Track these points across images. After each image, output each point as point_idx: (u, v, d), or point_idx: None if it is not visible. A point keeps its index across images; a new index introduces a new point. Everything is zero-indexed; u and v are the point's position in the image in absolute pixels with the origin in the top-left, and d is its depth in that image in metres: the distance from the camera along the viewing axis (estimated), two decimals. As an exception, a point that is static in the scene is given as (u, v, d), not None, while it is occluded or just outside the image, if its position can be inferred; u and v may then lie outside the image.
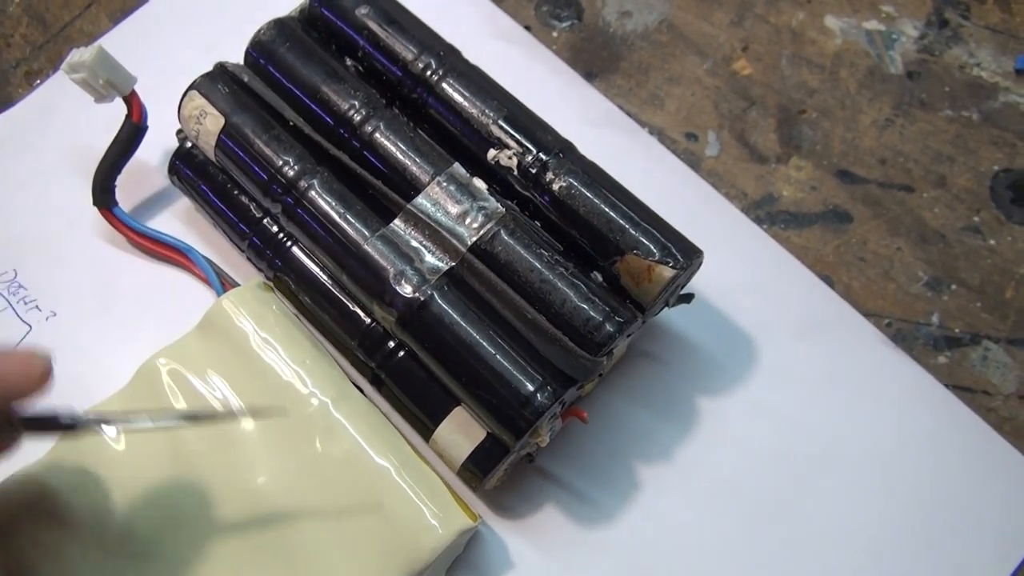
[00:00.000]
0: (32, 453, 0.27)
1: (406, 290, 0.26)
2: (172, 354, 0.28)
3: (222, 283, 0.30)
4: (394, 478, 0.26)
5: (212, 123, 0.28)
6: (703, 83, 0.35)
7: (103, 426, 0.25)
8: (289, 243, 0.29)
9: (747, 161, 0.33)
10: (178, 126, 0.31)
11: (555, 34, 0.36)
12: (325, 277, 0.29)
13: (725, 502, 0.29)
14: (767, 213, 0.33)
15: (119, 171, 0.30)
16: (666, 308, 0.28)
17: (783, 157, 0.33)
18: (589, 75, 0.35)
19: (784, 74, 0.35)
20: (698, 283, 0.30)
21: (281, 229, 0.30)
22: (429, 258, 0.26)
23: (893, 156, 0.33)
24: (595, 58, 0.35)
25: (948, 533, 0.28)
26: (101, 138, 0.31)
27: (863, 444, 0.29)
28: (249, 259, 0.31)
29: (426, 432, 0.27)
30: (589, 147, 0.28)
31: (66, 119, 0.34)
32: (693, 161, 0.33)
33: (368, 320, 0.28)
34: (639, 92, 0.35)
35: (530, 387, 0.25)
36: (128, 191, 0.32)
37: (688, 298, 0.28)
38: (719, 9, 0.36)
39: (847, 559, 0.28)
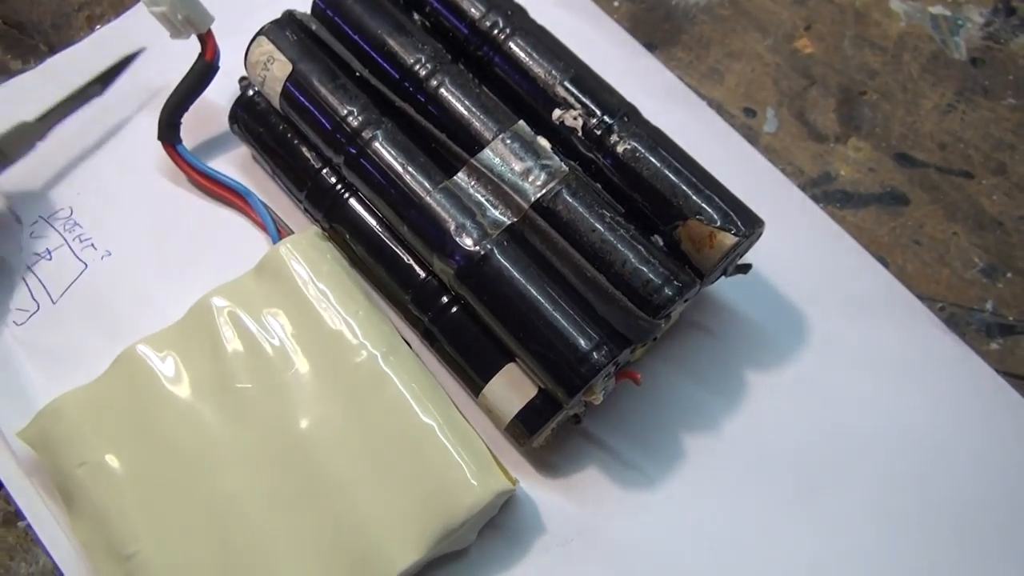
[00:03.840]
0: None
1: (467, 243, 0.26)
2: (228, 293, 0.28)
3: (278, 230, 0.31)
4: (437, 435, 0.26)
5: (279, 69, 0.29)
6: (764, 59, 0.35)
7: None
8: (347, 195, 0.30)
9: (805, 139, 0.33)
10: (241, 74, 0.31)
11: (616, 3, 0.36)
12: (381, 230, 0.29)
13: (769, 476, 0.29)
14: (823, 192, 0.32)
15: (186, 108, 0.31)
16: (723, 277, 0.28)
17: (842, 137, 0.33)
18: (649, 46, 0.35)
19: (846, 55, 0.35)
20: (752, 256, 0.29)
21: (339, 180, 0.30)
22: (492, 212, 0.26)
23: (953, 142, 0.33)
24: (656, 30, 0.35)
25: (993, 515, 0.28)
26: (165, 79, 0.31)
27: (912, 425, 0.29)
28: (305, 209, 0.31)
29: (475, 388, 0.28)
30: (648, 117, 0.28)
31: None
32: (750, 136, 0.33)
33: (422, 274, 0.28)
34: (699, 66, 0.35)
35: (587, 345, 0.25)
36: (189, 136, 0.32)
37: (745, 268, 0.28)
38: (783, -13, 0.36)
39: (889, 538, 0.28)
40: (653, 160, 0.27)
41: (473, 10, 0.29)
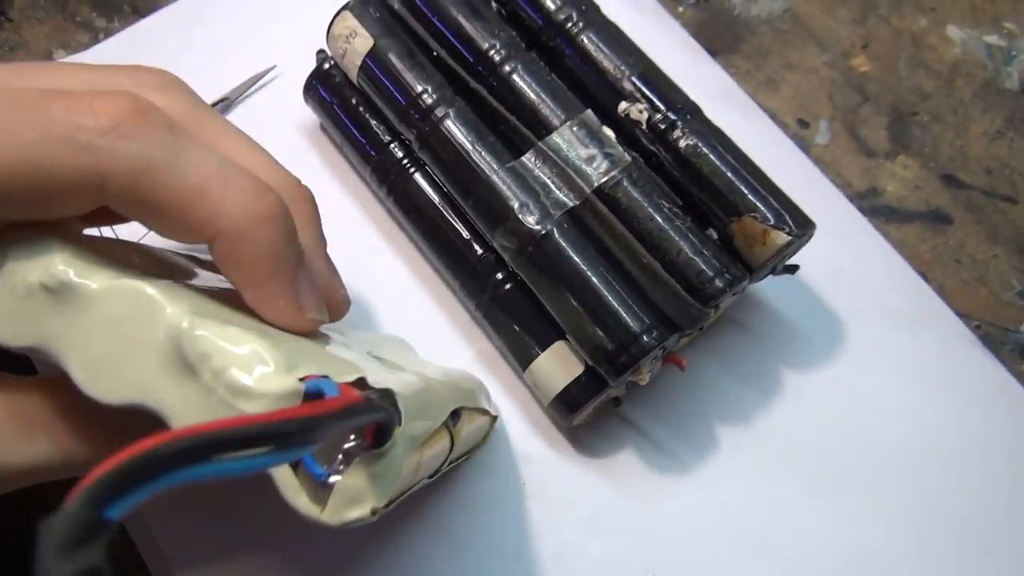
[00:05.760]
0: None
1: (529, 221, 0.27)
2: None
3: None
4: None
5: (360, 44, 0.30)
6: (820, 74, 0.36)
7: None
8: (412, 169, 0.31)
9: (855, 153, 0.34)
10: (318, 48, 0.33)
11: (681, 9, 0.37)
12: (443, 204, 0.30)
13: (796, 472, 0.29)
14: (869, 205, 0.33)
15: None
16: (770, 276, 0.29)
17: (891, 154, 0.34)
18: (710, 52, 0.36)
19: (901, 76, 0.36)
20: (798, 259, 0.30)
21: (406, 155, 0.31)
22: (555, 194, 0.28)
23: (1000, 167, 0.34)
24: (717, 37, 0.36)
25: (1016, 534, 0.29)
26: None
27: (940, 437, 0.30)
28: (370, 182, 0.32)
29: (524, 363, 0.29)
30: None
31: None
32: (802, 147, 0.34)
33: (479, 250, 0.30)
34: (756, 75, 0.36)
35: (638, 327, 0.26)
36: (263, 104, 0.34)
37: (793, 269, 0.29)
38: (843, 6, 0.37)
39: (908, 540, 0.29)
40: (713, 157, 0.28)
41: (549, 2, 0.30)
